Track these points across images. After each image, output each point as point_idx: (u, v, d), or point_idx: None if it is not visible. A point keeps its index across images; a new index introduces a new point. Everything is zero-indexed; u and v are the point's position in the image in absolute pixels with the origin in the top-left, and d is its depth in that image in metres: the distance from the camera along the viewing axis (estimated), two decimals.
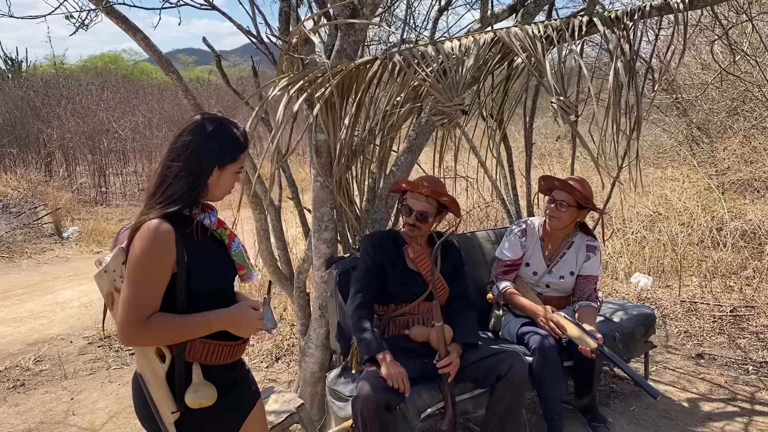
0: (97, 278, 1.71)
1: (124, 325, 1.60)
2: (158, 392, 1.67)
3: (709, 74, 7.13)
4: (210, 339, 1.72)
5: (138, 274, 1.61)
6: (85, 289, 6.41)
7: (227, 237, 1.84)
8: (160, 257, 1.62)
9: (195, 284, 1.69)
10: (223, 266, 1.81)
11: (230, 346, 1.77)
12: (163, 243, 1.62)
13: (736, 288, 5.21)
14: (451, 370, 2.63)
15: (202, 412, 1.69)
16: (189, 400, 1.66)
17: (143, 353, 1.69)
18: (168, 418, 1.67)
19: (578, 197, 3.11)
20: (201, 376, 1.69)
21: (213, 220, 1.80)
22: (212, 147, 1.71)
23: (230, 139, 1.74)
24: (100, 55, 35.81)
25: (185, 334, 1.67)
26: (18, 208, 9.29)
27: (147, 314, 1.61)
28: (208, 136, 1.71)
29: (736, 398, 3.51)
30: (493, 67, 3.23)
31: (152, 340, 1.65)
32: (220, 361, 1.75)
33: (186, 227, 1.69)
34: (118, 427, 3.49)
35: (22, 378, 4.23)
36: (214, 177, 1.73)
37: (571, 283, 3.24)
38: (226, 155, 1.73)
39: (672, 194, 6.89)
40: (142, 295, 1.61)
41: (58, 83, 14.55)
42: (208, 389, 1.68)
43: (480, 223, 6.99)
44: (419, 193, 2.81)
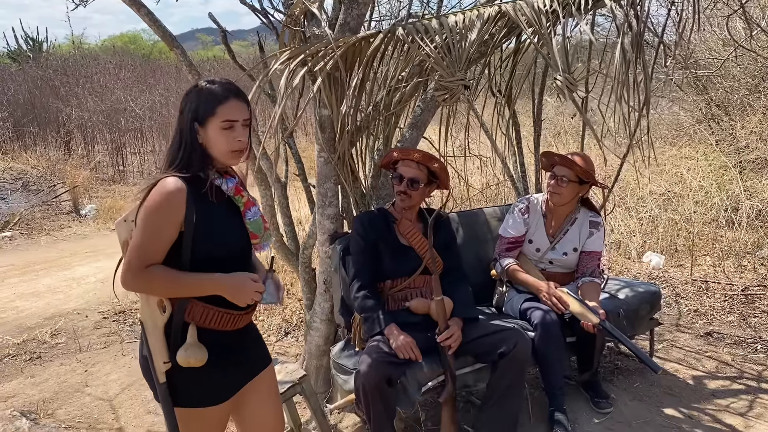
0: (117, 226, 1.81)
1: (125, 270, 1.69)
2: (155, 341, 1.75)
3: (729, 51, 6.98)
4: (211, 304, 1.76)
5: (146, 224, 1.69)
6: (101, 266, 6.52)
7: (243, 204, 1.86)
8: (169, 212, 1.69)
9: (201, 245, 1.74)
10: (233, 232, 1.83)
11: (231, 315, 1.81)
12: (174, 198, 1.68)
13: (750, 267, 5.15)
14: (452, 342, 2.65)
15: (193, 371, 1.74)
16: (179, 357, 1.72)
17: (147, 301, 1.76)
18: (160, 367, 1.74)
19: (579, 172, 3.09)
20: (195, 337, 1.74)
21: (230, 186, 1.83)
22: (189, 105, 1.76)
23: (205, 94, 1.76)
24: (119, 35, 35.96)
25: (177, 290, 1.73)
26: (37, 186, 9.43)
27: (147, 263, 1.68)
28: (187, 96, 1.78)
29: (742, 376, 3.49)
30: (500, 41, 3.20)
31: (146, 288, 1.73)
32: (220, 327, 1.80)
33: (199, 189, 1.75)
34: (130, 399, 3.57)
35: (39, 350, 4.33)
36: (202, 135, 1.76)
37: (575, 259, 3.24)
38: (202, 110, 1.75)
39: (688, 173, 6.80)
40: (146, 245, 1.69)
41: (77, 62, 14.67)
42: (198, 351, 1.73)
43: (490, 202, 6.97)
44: (410, 160, 2.82)
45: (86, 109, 12.19)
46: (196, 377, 1.76)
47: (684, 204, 6.24)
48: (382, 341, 2.66)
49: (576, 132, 9.92)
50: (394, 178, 2.87)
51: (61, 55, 16.81)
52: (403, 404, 2.67)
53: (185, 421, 1.80)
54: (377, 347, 2.62)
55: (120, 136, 12.49)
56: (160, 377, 1.75)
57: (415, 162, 2.83)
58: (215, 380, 1.81)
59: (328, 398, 3.26)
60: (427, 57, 2.78)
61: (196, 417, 1.81)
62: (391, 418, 2.59)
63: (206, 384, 1.80)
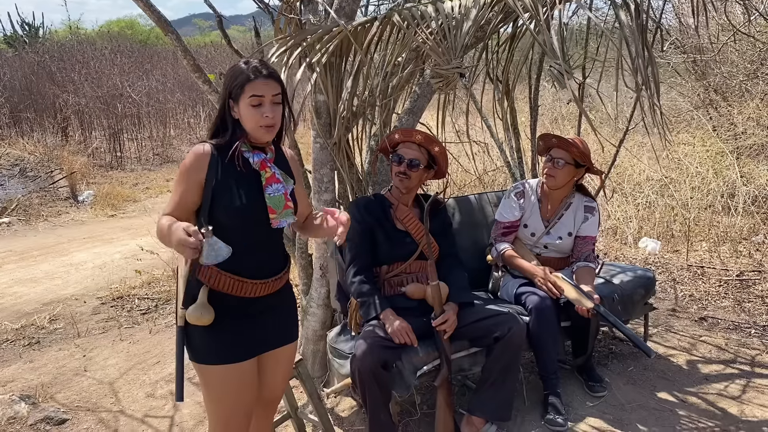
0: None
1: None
2: (180, 287, 1.90)
3: (727, 36, 6.96)
4: (222, 270, 1.87)
5: (175, 180, 1.89)
6: (99, 252, 6.54)
7: (266, 179, 1.94)
8: (191, 170, 1.86)
9: (216, 209, 1.87)
10: (250, 202, 1.90)
11: (242, 282, 1.91)
12: (198, 159, 1.86)
13: (745, 253, 5.17)
14: (447, 327, 2.68)
15: (205, 330, 1.87)
16: (188, 314, 1.84)
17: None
18: (179, 310, 1.88)
19: (576, 155, 3.10)
20: (204, 298, 1.86)
21: (257, 160, 1.93)
22: (225, 82, 1.89)
23: (235, 72, 1.87)
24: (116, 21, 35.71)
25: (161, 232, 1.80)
26: (34, 172, 9.42)
27: (167, 211, 1.85)
28: (228, 72, 1.90)
29: (736, 361, 3.52)
30: (496, 27, 3.19)
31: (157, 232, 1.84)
32: (230, 291, 1.90)
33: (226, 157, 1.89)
34: (128, 383, 3.60)
35: (37, 336, 4.35)
36: (236, 111, 1.89)
37: (570, 244, 3.25)
38: (234, 87, 1.86)
39: (685, 159, 6.81)
40: (172, 198, 1.88)
41: (74, 48, 14.58)
42: (204, 311, 1.85)
43: (486, 187, 6.98)
44: (412, 142, 2.83)
45: (83, 95, 12.14)
46: (207, 336, 1.89)
47: (681, 190, 6.26)
48: (378, 326, 2.68)
49: (573, 118, 9.92)
50: (393, 159, 2.88)
51: (58, 40, 16.72)
52: (399, 388, 2.69)
53: (202, 376, 1.95)
54: (373, 332, 2.64)
55: (117, 122, 12.44)
56: (178, 320, 1.87)
57: (417, 144, 2.84)
58: (225, 342, 1.92)
59: (324, 382, 3.28)
60: (423, 44, 2.77)
61: (210, 374, 1.93)
62: (386, 401, 2.62)
63: (217, 344, 1.91)
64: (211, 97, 3.30)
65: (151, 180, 10.79)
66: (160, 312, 4.73)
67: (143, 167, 12.02)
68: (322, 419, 2.69)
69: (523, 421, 2.96)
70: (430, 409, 3.02)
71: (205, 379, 1.95)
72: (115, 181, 10.47)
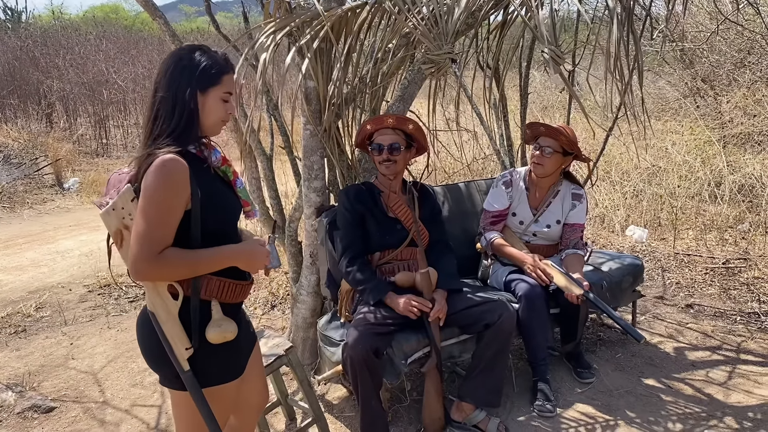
0: (104, 216, 1.68)
1: (137, 261, 1.59)
2: (172, 329, 1.67)
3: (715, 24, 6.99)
4: (226, 277, 1.74)
5: (153, 208, 1.59)
6: (85, 239, 6.48)
7: (232, 174, 1.85)
8: (176, 192, 1.61)
9: (209, 220, 1.70)
10: (230, 203, 1.81)
11: (242, 285, 1.81)
12: (179, 178, 1.61)
13: (731, 241, 5.22)
14: (440, 314, 2.68)
15: (216, 347, 1.71)
16: (214, 335, 1.69)
17: (156, 291, 1.67)
18: (182, 354, 1.68)
19: (563, 142, 3.10)
20: (221, 312, 1.72)
21: (217, 157, 1.80)
22: (191, 72, 1.69)
23: (208, 62, 1.71)
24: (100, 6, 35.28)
25: (198, 268, 1.67)
26: (19, 159, 9.30)
27: (160, 249, 1.59)
28: (186, 62, 1.70)
29: (722, 347, 3.56)
30: (487, 13, 3.17)
31: (165, 274, 1.63)
32: (234, 299, 1.79)
33: (195, 164, 1.68)
34: (116, 371, 3.58)
35: (24, 324, 4.31)
36: (200, 104, 1.71)
37: (558, 231, 3.26)
38: (206, 78, 1.71)
39: (672, 147, 6.85)
40: (156, 230, 1.59)
41: (58, 33, 14.37)
42: (230, 324, 1.72)
43: (476, 175, 6.98)
44: (385, 128, 2.82)
45: (68, 81, 11.98)
46: (215, 355, 1.73)
47: (668, 178, 6.30)
48: (369, 312, 2.67)
49: (563, 106, 9.94)
50: (373, 150, 2.86)
51: (41, 25, 16.47)
52: (389, 375, 2.70)
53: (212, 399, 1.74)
54: (364, 319, 2.64)
55: (102, 109, 12.31)
56: (183, 365, 1.68)
57: (391, 128, 2.83)
58: (232, 354, 1.79)
59: (315, 370, 3.28)
60: (413, 29, 2.75)
61: (218, 395, 1.77)
62: (377, 388, 2.62)
63: (225, 359, 1.77)
64: None
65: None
66: None
67: (129, 154, 11.89)
68: (312, 406, 2.69)
69: (513, 408, 2.98)
70: (420, 395, 3.03)
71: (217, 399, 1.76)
72: (101, 168, 10.36)
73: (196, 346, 1.68)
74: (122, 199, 1.66)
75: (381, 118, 2.87)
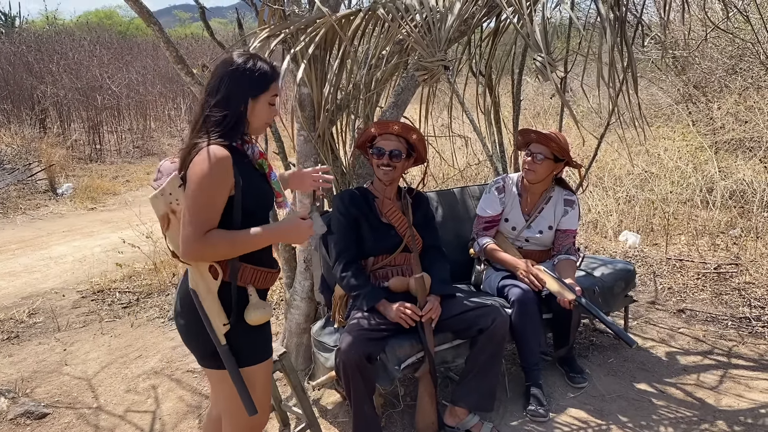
0: (152, 200, 1.86)
1: (186, 241, 1.77)
2: (212, 305, 1.85)
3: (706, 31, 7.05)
4: (259, 266, 1.93)
5: (200, 192, 1.76)
6: (78, 245, 6.47)
7: (267, 167, 2.01)
8: (221, 179, 1.79)
9: (249, 206, 1.88)
10: (266, 192, 1.98)
11: (272, 273, 1.99)
12: (224, 166, 1.78)
13: (723, 246, 5.25)
14: (433, 314, 2.70)
15: (250, 329, 1.90)
16: (251, 317, 1.87)
17: (198, 270, 1.85)
18: (220, 329, 1.85)
19: (554, 149, 3.13)
20: (257, 296, 1.91)
21: (255, 151, 1.97)
22: (244, 80, 1.86)
23: (259, 71, 1.88)
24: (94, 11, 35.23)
25: (242, 247, 1.84)
26: (12, 165, 9.26)
27: (206, 230, 1.78)
28: (241, 71, 1.86)
29: (713, 352, 3.58)
30: (480, 20, 3.20)
31: (212, 253, 1.80)
32: (264, 285, 1.97)
33: (236, 155, 1.85)
34: (110, 377, 3.57)
35: (17, 330, 4.30)
36: (250, 108, 1.89)
37: (550, 237, 3.28)
38: (258, 86, 1.88)
39: (664, 153, 6.89)
40: (202, 213, 1.77)
41: (52, 39, 14.33)
42: (268, 306, 1.92)
43: (469, 181, 7.01)
44: (389, 133, 2.84)
45: (61, 87, 11.95)
46: (251, 336, 1.91)
47: (660, 184, 6.34)
48: (362, 318, 2.68)
49: (555, 112, 9.99)
50: (373, 153, 2.88)
51: (35, 31, 16.41)
52: (383, 381, 2.71)
53: (251, 378, 1.92)
54: (358, 324, 2.65)
55: (96, 114, 12.27)
56: (221, 339, 1.85)
57: (395, 135, 2.85)
58: (266, 335, 1.99)
59: (309, 375, 3.29)
60: (407, 36, 2.77)
61: (256, 373, 1.95)
62: (370, 394, 2.63)
63: (260, 340, 1.96)
64: (194, 89, 3.27)
65: (131, 173, 10.67)
66: (141, 306, 4.69)
67: (123, 160, 11.88)
68: (306, 412, 2.70)
69: (506, 412, 2.99)
70: (414, 401, 3.03)
71: (254, 378, 1.94)
72: (95, 173, 10.33)
73: (233, 322, 1.86)
74: (170, 184, 1.85)
75: (387, 123, 2.90)
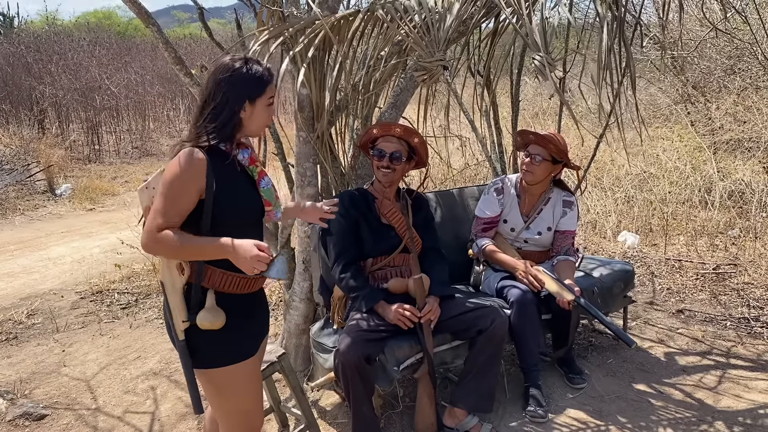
0: (139, 192, 1.93)
1: (144, 233, 1.80)
2: (174, 300, 1.87)
3: (705, 31, 7.05)
4: (230, 270, 1.88)
5: (166, 190, 1.79)
6: (77, 246, 6.47)
7: (257, 174, 1.98)
8: (188, 180, 1.79)
9: (221, 213, 1.85)
10: (250, 201, 1.94)
11: (246, 279, 1.93)
12: (195, 168, 1.78)
13: (721, 246, 5.26)
14: (432, 315, 2.69)
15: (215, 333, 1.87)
16: (199, 320, 1.85)
17: (167, 263, 1.86)
18: (179, 325, 1.87)
19: (552, 151, 3.13)
20: (213, 302, 1.87)
21: (246, 157, 1.94)
22: (240, 84, 1.85)
23: (256, 74, 1.88)
24: (93, 12, 35.18)
25: (182, 254, 1.83)
26: (10, 165, 9.26)
27: (163, 228, 1.78)
28: (237, 75, 1.85)
29: (712, 352, 3.58)
30: (479, 21, 3.20)
31: (158, 250, 1.81)
32: (238, 290, 1.93)
33: (222, 160, 1.85)
34: (109, 378, 3.57)
35: (15, 331, 4.30)
36: (247, 111, 1.88)
37: (549, 238, 3.28)
38: (253, 90, 1.88)
39: (663, 154, 6.89)
40: (164, 210, 1.78)
41: (50, 39, 14.33)
42: (217, 314, 1.85)
43: (468, 181, 7.01)
44: (391, 135, 2.84)
45: (60, 87, 11.95)
46: (219, 339, 1.88)
47: (659, 184, 6.35)
48: (361, 319, 2.68)
49: (554, 112, 9.99)
50: (374, 154, 2.87)
51: (34, 31, 16.40)
52: (382, 382, 2.71)
53: (219, 380, 1.92)
54: (357, 326, 2.65)
55: (95, 115, 12.28)
56: (179, 335, 1.87)
57: (396, 137, 2.85)
58: (236, 340, 1.93)
59: (309, 376, 3.29)
60: (406, 36, 2.77)
61: (227, 375, 1.92)
62: (369, 395, 2.63)
63: (228, 344, 1.91)
64: (193, 90, 3.27)
65: (130, 173, 10.67)
66: (140, 306, 4.69)
67: (122, 160, 11.88)
68: (305, 413, 2.69)
69: (505, 413, 2.99)
70: (413, 401, 3.03)
71: (218, 382, 1.93)
72: (94, 174, 10.33)
73: (192, 321, 1.85)
74: (155, 179, 1.90)
75: (389, 125, 2.89)
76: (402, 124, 2.93)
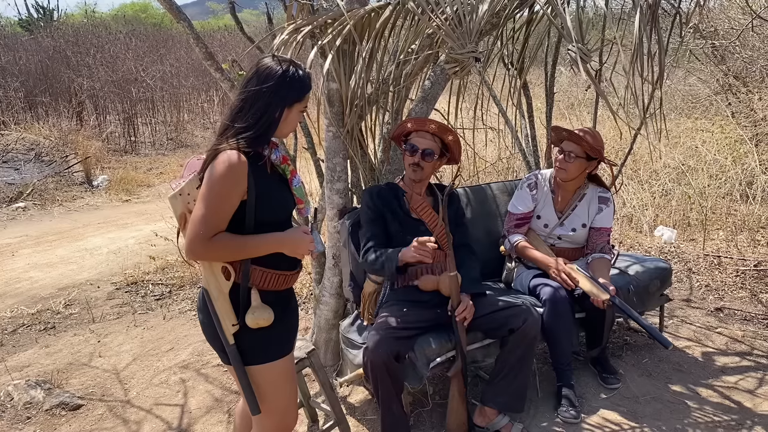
0: (171, 200, 1.90)
1: (191, 241, 1.79)
2: (222, 306, 1.88)
3: (749, 20, 6.80)
4: (268, 268, 1.93)
5: (211, 195, 1.79)
6: (113, 237, 6.58)
7: (290, 173, 2.01)
8: (233, 184, 1.80)
9: (261, 212, 1.88)
10: (285, 198, 1.98)
11: (286, 275, 1.99)
12: (238, 172, 1.79)
13: (763, 242, 5.09)
14: (467, 314, 2.66)
15: (259, 331, 1.90)
16: (248, 320, 1.88)
17: (211, 270, 1.87)
18: (229, 329, 1.89)
19: (586, 148, 3.05)
20: (259, 300, 1.90)
21: (278, 156, 1.97)
22: (281, 88, 1.87)
23: (297, 80, 1.89)
24: (130, 4, 35.71)
25: (244, 252, 1.86)
26: (50, 157, 9.46)
27: (213, 233, 1.79)
28: (277, 78, 1.86)
29: (752, 353, 3.47)
30: (512, 12, 3.13)
31: (215, 255, 1.84)
32: (277, 287, 1.97)
33: (255, 162, 1.87)
34: (142, 369, 3.62)
35: (53, 321, 4.39)
36: (284, 115, 1.90)
37: (584, 235, 3.21)
38: (293, 95, 1.90)
39: (703, 146, 6.70)
40: (211, 216, 1.79)
41: (89, 32, 14.56)
42: (265, 311, 1.89)
43: (500, 175, 6.91)
44: (425, 131, 2.80)
45: (98, 80, 12.15)
46: (262, 336, 1.92)
47: (698, 178, 6.17)
48: (390, 316, 2.66)
49: (590, 104, 9.79)
50: (406, 149, 2.84)
51: (73, 24, 16.70)
52: (412, 379, 2.69)
53: (259, 377, 1.95)
54: (386, 323, 2.63)
55: (131, 107, 12.46)
56: (229, 339, 1.89)
57: (431, 133, 2.80)
58: (278, 336, 1.98)
59: (338, 371, 3.28)
60: (437, 29, 2.72)
61: (267, 372, 1.96)
62: (399, 392, 2.61)
63: (272, 341, 1.96)
64: (223, 85, 3.28)
65: (164, 165, 10.82)
66: (173, 298, 4.75)
67: (157, 152, 12.05)
68: (334, 408, 2.69)
69: (536, 413, 2.95)
70: (442, 399, 3.01)
71: (256, 380, 1.96)
72: (129, 165, 10.50)
73: (241, 323, 1.88)
74: (189, 185, 1.90)
75: (424, 120, 2.85)
76: (436, 120, 2.88)
